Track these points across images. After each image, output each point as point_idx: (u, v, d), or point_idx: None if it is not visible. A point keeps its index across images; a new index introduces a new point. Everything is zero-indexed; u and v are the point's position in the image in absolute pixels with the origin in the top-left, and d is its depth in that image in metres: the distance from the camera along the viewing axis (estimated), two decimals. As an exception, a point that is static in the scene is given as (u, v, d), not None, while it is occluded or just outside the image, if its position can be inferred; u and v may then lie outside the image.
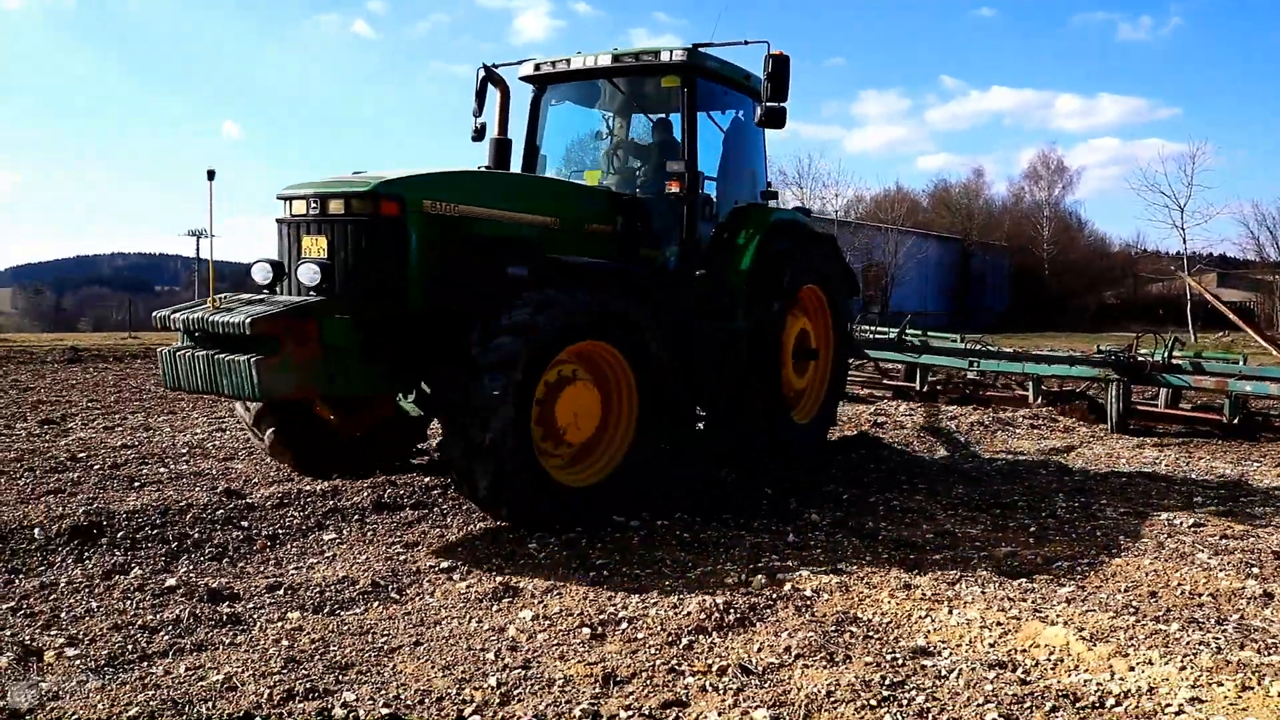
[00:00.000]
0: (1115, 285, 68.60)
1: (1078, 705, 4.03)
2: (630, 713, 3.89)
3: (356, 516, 6.66)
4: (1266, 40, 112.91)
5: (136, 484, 7.60)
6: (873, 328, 17.69)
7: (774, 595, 5.36)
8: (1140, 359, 12.29)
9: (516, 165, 9.04)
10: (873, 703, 3.98)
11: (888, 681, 4.18)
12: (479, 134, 8.96)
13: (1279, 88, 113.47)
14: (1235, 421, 11.84)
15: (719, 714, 3.89)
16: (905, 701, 4.02)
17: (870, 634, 4.81)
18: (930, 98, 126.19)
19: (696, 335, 8.06)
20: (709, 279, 8.50)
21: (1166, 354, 12.24)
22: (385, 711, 3.81)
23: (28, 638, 4.49)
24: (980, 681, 4.22)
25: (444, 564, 5.75)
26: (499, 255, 6.73)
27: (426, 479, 7.70)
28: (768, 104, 7.97)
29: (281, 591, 5.23)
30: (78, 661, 4.24)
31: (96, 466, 8.28)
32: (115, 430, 10.41)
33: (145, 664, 4.25)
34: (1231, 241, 77.14)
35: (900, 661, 4.44)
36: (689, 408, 8.25)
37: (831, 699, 4.01)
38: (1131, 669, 4.41)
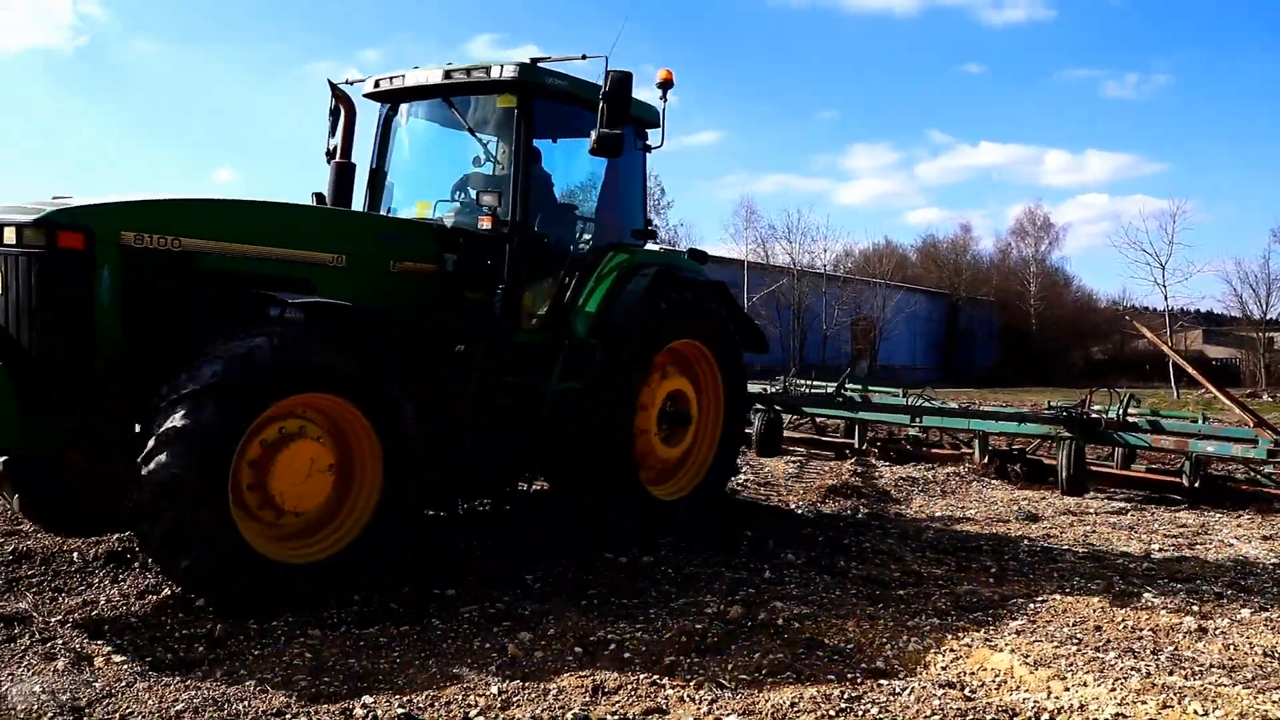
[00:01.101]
0: (1102, 340, 69.57)
1: (1015, 719, 4.55)
2: (616, 717, 4.40)
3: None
4: (1252, 96, 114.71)
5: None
6: (808, 382, 16.73)
7: (749, 623, 5.87)
8: (1094, 415, 11.61)
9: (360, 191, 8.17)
10: (831, 713, 4.50)
11: (846, 696, 4.69)
12: (331, 156, 8.11)
13: (1265, 144, 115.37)
14: (1196, 485, 11.03)
15: (694, 719, 4.41)
16: (861, 713, 4.54)
17: (834, 657, 5.33)
18: (920, 152, 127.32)
19: (502, 395, 7.18)
20: (541, 330, 7.63)
21: (1122, 411, 11.72)
22: (400, 712, 4.33)
23: (78, 646, 5.00)
24: (929, 698, 4.74)
25: (449, 592, 6.24)
26: (248, 296, 5.87)
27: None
28: (602, 130, 7.07)
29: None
30: (125, 666, 4.76)
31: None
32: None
33: (185, 669, 4.77)
34: (1215, 298, 78.29)
35: (859, 680, 4.96)
36: (451, 476, 6.90)
37: (795, 709, 4.53)
38: (1067, 689, 4.94)
